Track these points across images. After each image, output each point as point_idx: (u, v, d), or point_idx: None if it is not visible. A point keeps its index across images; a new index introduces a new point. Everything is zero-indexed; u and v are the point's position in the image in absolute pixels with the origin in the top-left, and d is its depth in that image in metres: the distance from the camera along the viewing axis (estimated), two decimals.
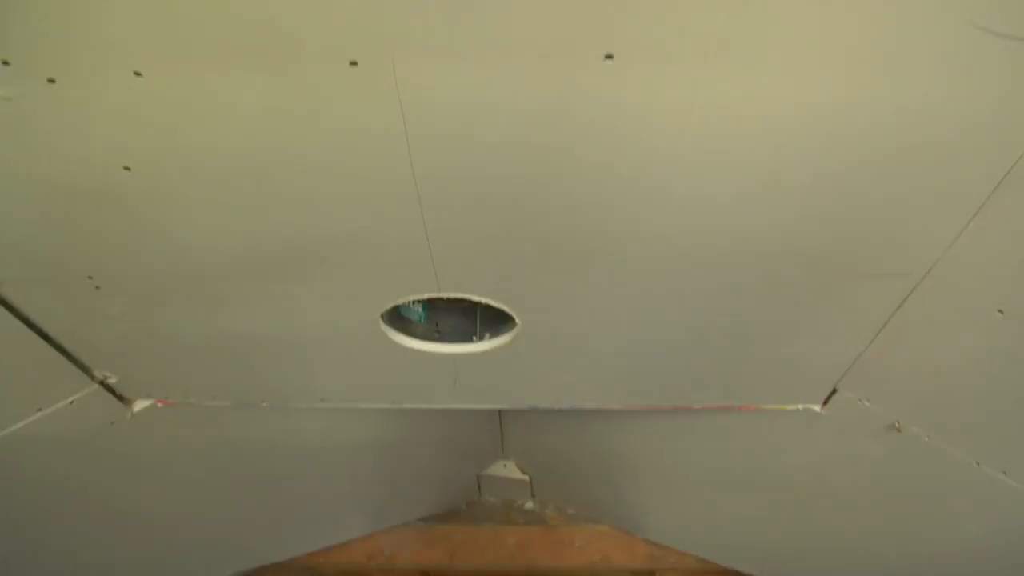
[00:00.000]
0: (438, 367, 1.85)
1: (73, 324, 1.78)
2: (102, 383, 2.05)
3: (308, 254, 1.47)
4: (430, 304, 1.78)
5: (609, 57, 1.10)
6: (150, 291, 1.65)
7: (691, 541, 3.58)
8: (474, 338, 1.76)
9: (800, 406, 2.10)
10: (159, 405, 2.19)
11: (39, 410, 1.99)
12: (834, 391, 2.02)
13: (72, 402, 2.02)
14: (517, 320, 1.63)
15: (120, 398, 2.15)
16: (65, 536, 2.70)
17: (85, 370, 1.98)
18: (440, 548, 3.86)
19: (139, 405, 2.19)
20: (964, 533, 2.47)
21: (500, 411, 2.96)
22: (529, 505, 3.87)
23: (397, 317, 1.74)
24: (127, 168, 1.31)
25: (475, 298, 1.57)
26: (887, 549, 2.77)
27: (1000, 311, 1.62)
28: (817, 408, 2.10)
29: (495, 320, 1.75)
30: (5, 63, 1.14)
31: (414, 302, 1.72)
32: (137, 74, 1.14)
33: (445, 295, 1.56)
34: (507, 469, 3.54)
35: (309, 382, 2.02)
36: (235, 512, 3.06)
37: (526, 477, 3.55)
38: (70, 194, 1.37)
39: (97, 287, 1.62)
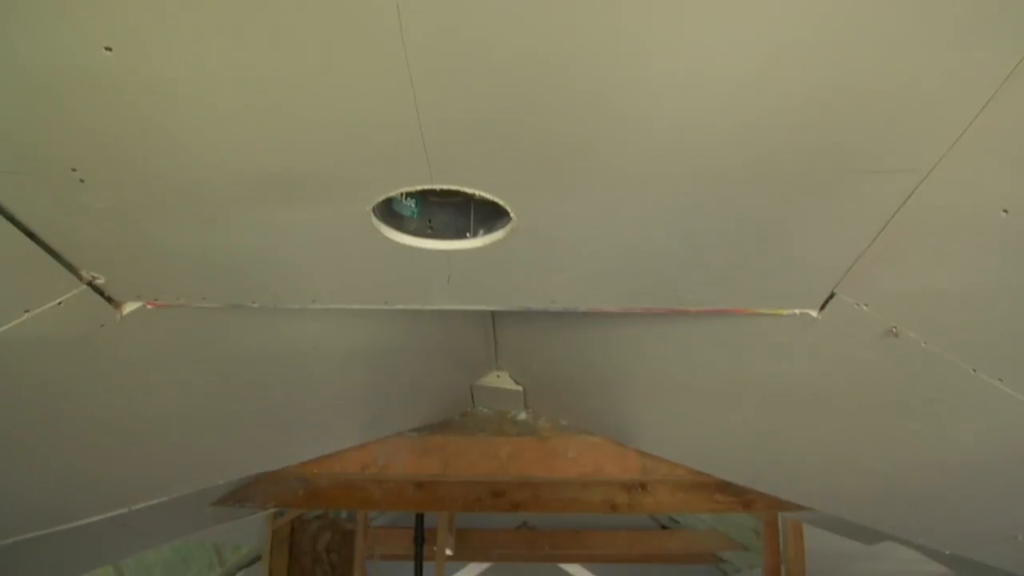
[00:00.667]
0: (431, 265, 1.83)
1: (58, 221, 1.74)
2: (90, 284, 2.02)
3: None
4: (423, 200, 1.75)
5: None
6: (136, 185, 1.62)
7: (683, 452, 3.59)
8: (468, 235, 1.73)
9: (796, 311, 2.08)
10: (149, 307, 2.16)
11: (26, 311, 1.96)
12: (832, 295, 2.00)
13: (60, 303, 1.99)
14: (512, 214, 1.60)
15: (109, 300, 2.12)
16: (55, 441, 2.70)
17: (72, 270, 1.95)
18: (433, 458, 3.88)
19: (128, 307, 2.17)
20: (957, 442, 2.48)
21: (494, 320, 2.94)
22: (522, 416, 3.88)
23: (390, 213, 1.71)
24: (108, 49, 1.26)
25: (468, 190, 1.54)
26: (880, 459, 2.78)
27: (1004, 211, 1.59)
28: (814, 313, 2.08)
29: (489, 217, 1.72)
30: None
31: (406, 196, 1.69)
32: None
33: (437, 186, 1.52)
34: (500, 380, 3.54)
35: (301, 282, 1.99)
36: (228, 421, 3.06)
37: (519, 388, 3.55)
38: (49, 77, 1.32)
39: (81, 180, 1.58)
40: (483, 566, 10.95)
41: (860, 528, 4.83)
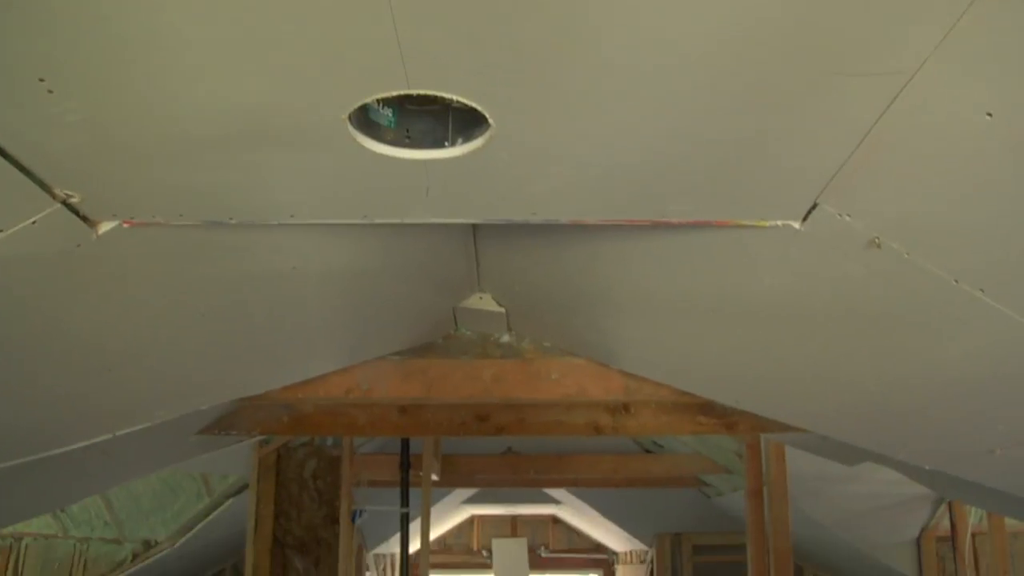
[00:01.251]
0: (409, 176, 1.80)
1: (28, 135, 1.70)
2: (64, 203, 1.98)
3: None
4: (400, 110, 1.72)
5: None
6: (107, 97, 1.58)
7: (667, 372, 3.61)
8: (446, 143, 1.70)
9: (779, 222, 2.06)
10: (125, 226, 2.13)
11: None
12: (814, 206, 1.99)
13: (34, 222, 1.96)
14: (491, 121, 1.57)
15: (84, 219, 2.09)
16: (34, 366, 2.68)
17: (45, 188, 1.91)
18: (416, 382, 3.88)
19: (104, 227, 2.13)
20: (939, 356, 2.49)
21: (475, 240, 2.92)
22: (505, 338, 3.89)
23: (366, 123, 1.68)
24: None
25: (446, 95, 1.51)
26: (862, 375, 2.80)
27: (988, 115, 1.57)
28: (796, 225, 2.07)
29: (468, 126, 1.69)
30: None
31: (383, 105, 1.66)
32: None
33: (414, 91, 1.49)
34: (483, 302, 3.53)
35: (278, 196, 1.96)
36: (210, 344, 3.05)
37: (502, 310, 3.55)
38: None
39: (50, 91, 1.53)
40: (469, 491, 11.08)
41: (841, 449, 4.89)
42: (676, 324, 3.00)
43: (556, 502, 12.20)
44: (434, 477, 7.36)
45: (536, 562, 14.87)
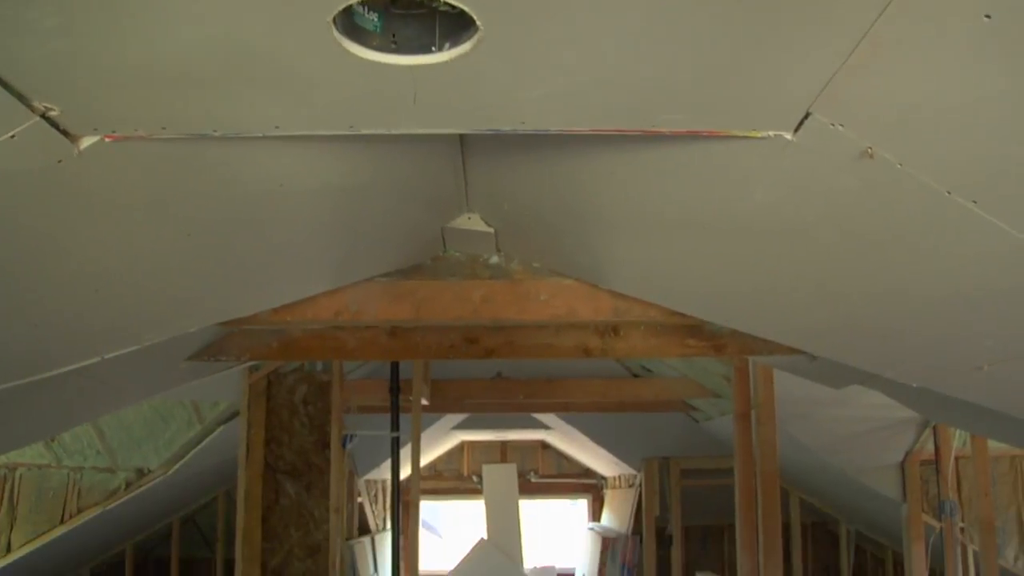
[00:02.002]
0: (395, 83, 1.76)
1: (4, 42, 1.66)
2: (43, 116, 1.94)
3: None
4: (386, 14, 1.68)
5: None
6: None
7: (656, 291, 3.60)
8: (433, 49, 1.66)
9: (771, 133, 2.03)
10: (107, 141, 2.09)
11: None
12: (807, 115, 1.96)
13: (13, 136, 1.92)
14: (479, 24, 1.53)
15: (65, 133, 2.04)
16: (18, 286, 2.66)
17: (23, 100, 1.86)
18: (405, 303, 3.87)
19: (86, 142, 2.09)
20: (930, 270, 2.48)
21: (464, 157, 2.88)
22: (494, 259, 3.87)
23: (351, 28, 1.64)
24: None
25: None
26: (852, 290, 2.79)
27: (987, 16, 1.54)
28: (788, 135, 2.04)
29: (456, 31, 1.65)
30: None
31: (368, 9, 1.62)
32: None
33: None
34: (471, 222, 3.50)
35: (263, 105, 1.92)
36: (196, 265, 3.02)
37: (491, 230, 3.52)
38: None
39: None
40: (459, 417, 11.16)
41: (829, 372, 4.92)
42: (666, 242, 2.99)
43: (545, 428, 12.30)
44: (424, 402, 7.40)
45: (526, 487, 15.05)
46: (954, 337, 2.85)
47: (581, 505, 15.97)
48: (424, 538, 11.19)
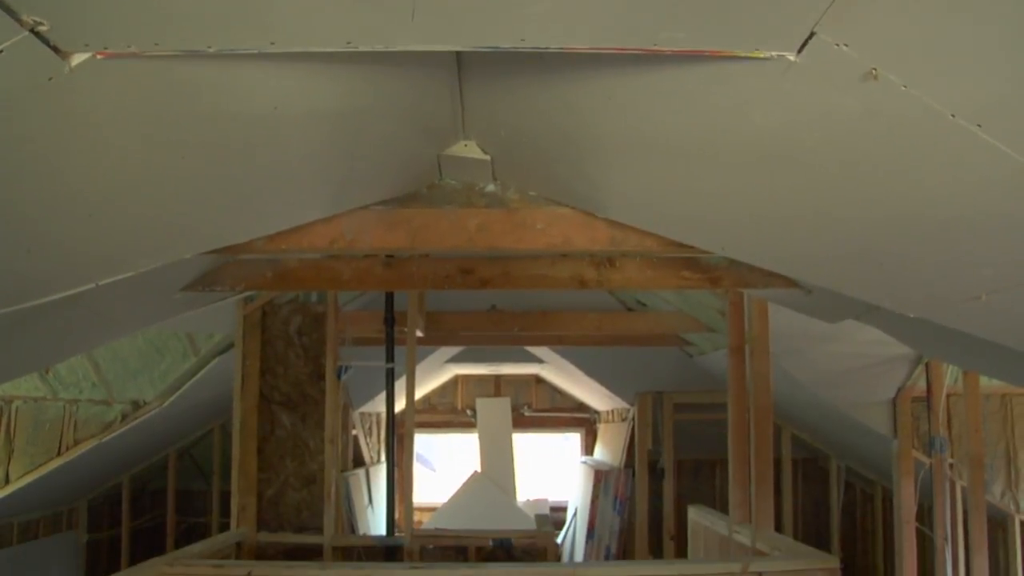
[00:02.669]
0: None
1: None
2: (33, 31, 1.90)
3: None
4: None
5: None
6: None
7: (653, 219, 3.58)
8: None
9: (774, 53, 2.00)
10: (99, 58, 2.05)
11: None
12: (811, 35, 1.92)
13: (1, 52, 1.88)
14: None
15: (55, 50, 2.00)
16: (9, 209, 2.63)
17: (11, 14, 1.82)
18: (401, 231, 3.86)
19: (77, 58, 2.05)
20: (931, 195, 2.46)
21: (461, 81, 2.84)
22: (490, 188, 3.84)
23: None
24: None
25: None
26: (851, 217, 2.78)
27: None
28: (791, 56, 2.01)
29: None
30: None
31: None
32: None
33: None
34: (468, 149, 3.46)
35: (257, 18, 1.89)
36: (190, 189, 2.99)
37: (487, 157, 3.49)
38: None
39: None
40: (453, 351, 11.19)
41: (824, 306, 4.93)
42: (664, 169, 2.96)
43: (540, 361, 12.35)
44: (419, 333, 7.41)
45: (519, 421, 15.16)
46: (953, 265, 2.84)
47: (574, 439, 16.10)
48: (418, 472, 11.29)
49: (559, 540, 11.62)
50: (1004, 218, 2.39)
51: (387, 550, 6.79)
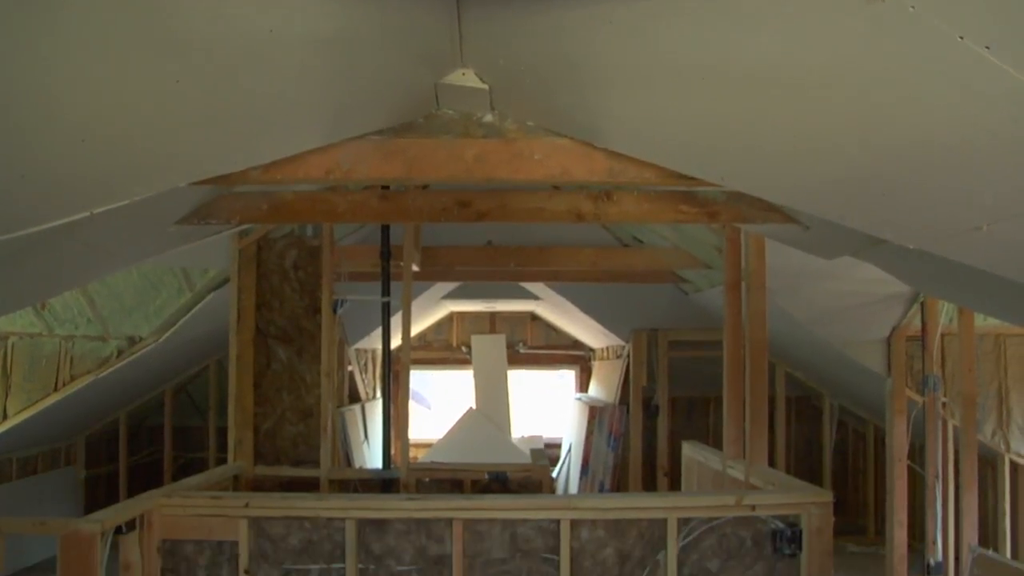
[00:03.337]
0: None
1: None
2: None
3: None
4: None
5: None
6: None
7: (652, 149, 3.54)
8: None
9: None
10: None
11: None
12: None
13: None
14: None
15: None
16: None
17: None
18: (397, 161, 3.82)
19: None
20: (936, 121, 2.43)
21: (459, 6, 2.79)
22: (488, 118, 3.79)
23: None
24: None
25: None
26: (853, 144, 2.74)
27: None
28: None
29: None
30: None
31: None
32: None
33: None
34: (465, 77, 3.41)
35: None
36: (184, 113, 2.94)
37: (485, 86, 3.44)
38: None
39: None
40: (449, 287, 11.20)
41: (822, 241, 4.91)
42: (664, 96, 2.92)
43: (535, 298, 12.35)
44: (415, 267, 7.39)
45: (514, 358, 15.22)
46: (954, 194, 2.82)
47: (568, 377, 16.18)
48: (413, 410, 11.34)
49: (554, 475, 11.72)
50: (1009, 144, 2.36)
51: (383, 483, 6.83)
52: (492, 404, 14.11)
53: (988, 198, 2.74)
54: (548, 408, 16.93)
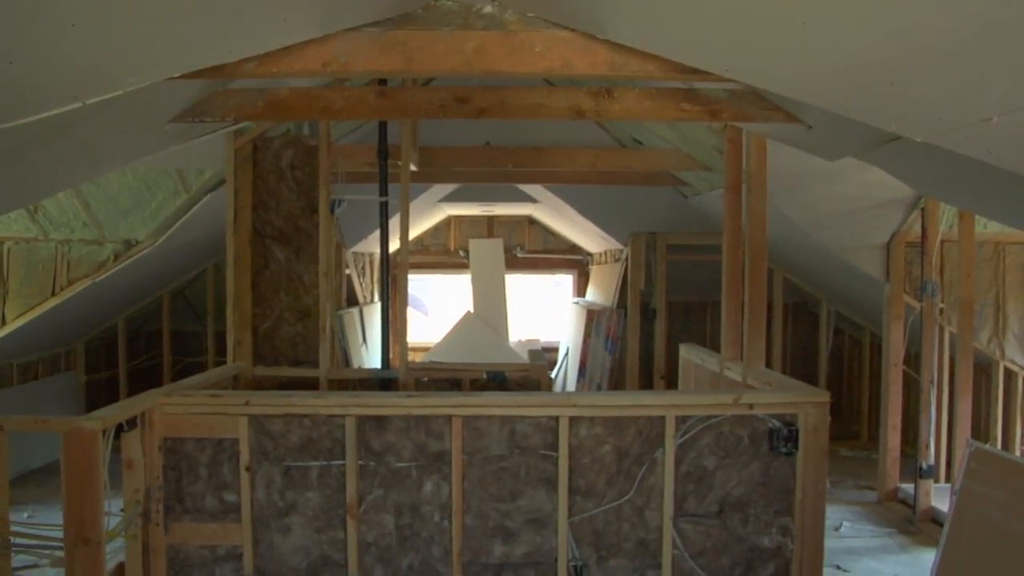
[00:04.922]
0: None
1: None
2: None
3: None
4: None
5: None
6: None
7: (656, 39, 3.47)
8: None
9: None
10: None
11: None
12: None
13: None
14: None
15: None
16: None
17: None
18: (396, 54, 3.74)
19: None
20: (943, 5, 2.36)
21: None
22: (488, 9, 3.71)
23: None
24: None
25: None
26: (859, 31, 2.67)
27: None
28: None
29: None
30: None
31: None
32: None
33: None
34: None
35: None
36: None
37: None
38: None
39: None
40: (446, 189, 11.13)
41: (824, 141, 4.85)
42: None
43: (533, 201, 12.28)
44: (413, 167, 7.31)
45: (512, 262, 15.23)
46: (963, 83, 2.75)
47: (566, 282, 16.19)
48: (411, 315, 11.34)
49: (551, 376, 11.80)
50: (1019, 29, 2.29)
51: (382, 382, 6.87)
52: (490, 308, 14.15)
53: (1000, 87, 2.68)
54: (546, 312, 16.98)
